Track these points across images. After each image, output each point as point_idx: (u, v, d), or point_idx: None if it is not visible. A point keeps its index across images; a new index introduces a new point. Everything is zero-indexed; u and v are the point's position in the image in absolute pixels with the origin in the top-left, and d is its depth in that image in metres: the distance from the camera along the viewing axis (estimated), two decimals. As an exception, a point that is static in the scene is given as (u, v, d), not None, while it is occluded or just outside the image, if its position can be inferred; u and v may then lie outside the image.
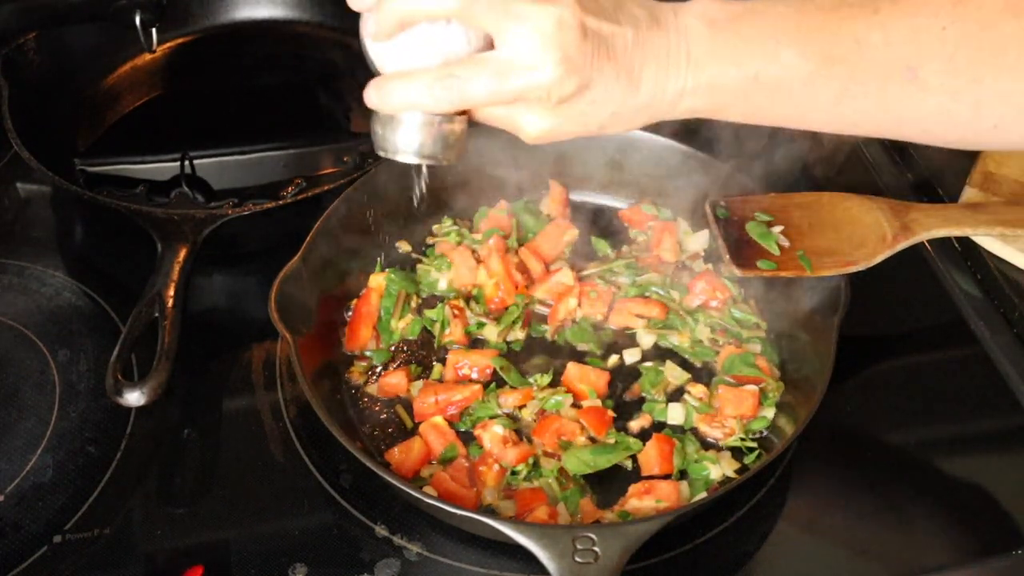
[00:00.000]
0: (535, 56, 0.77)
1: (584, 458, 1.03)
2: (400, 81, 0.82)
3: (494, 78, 0.79)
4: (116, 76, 1.54)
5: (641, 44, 0.81)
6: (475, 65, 0.80)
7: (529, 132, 0.84)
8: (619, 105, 0.82)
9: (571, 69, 0.78)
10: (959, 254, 1.26)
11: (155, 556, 0.99)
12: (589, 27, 0.79)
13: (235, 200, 1.30)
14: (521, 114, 0.83)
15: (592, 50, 0.79)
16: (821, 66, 0.82)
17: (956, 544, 1.00)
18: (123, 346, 1.04)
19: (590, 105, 0.82)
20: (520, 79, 0.78)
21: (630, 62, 0.81)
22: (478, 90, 0.80)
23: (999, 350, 1.15)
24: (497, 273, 1.19)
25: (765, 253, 1.11)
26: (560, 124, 0.83)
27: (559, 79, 0.78)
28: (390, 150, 0.87)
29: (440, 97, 0.80)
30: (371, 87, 0.84)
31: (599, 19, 0.80)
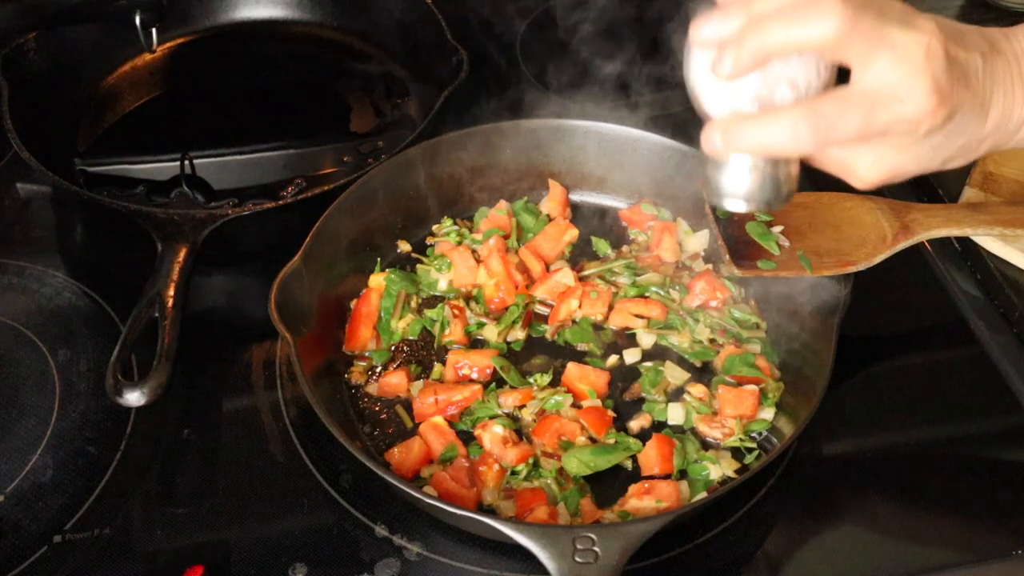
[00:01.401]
0: (907, 85, 0.73)
1: (584, 459, 1.03)
2: (757, 122, 0.75)
3: (864, 111, 0.74)
4: (116, 76, 1.54)
5: (990, 71, 0.78)
6: (840, 99, 0.74)
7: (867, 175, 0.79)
8: (969, 136, 0.79)
9: (941, 99, 0.74)
10: (959, 254, 1.26)
11: (155, 556, 0.99)
12: (952, 54, 0.75)
13: (235, 200, 1.30)
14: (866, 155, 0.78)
15: (956, 77, 0.75)
16: None
17: (956, 544, 1.00)
18: (123, 346, 1.04)
19: (946, 137, 0.77)
20: (891, 110, 0.73)
21: (981, 91, 0.77)
22: (847, 127, 0.74)
23: (999, 350, 1.15)
24: (497, 273, 1.19)
25: (765, 253, 1.11)
26: (906, 161, 0.78)
27: (931, 109, 0.74)
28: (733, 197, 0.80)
29: (804, 138, 0.74)
30: (715, 130, 0.77)
31: (958, 46, 0.76)
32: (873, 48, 0.72)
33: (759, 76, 0.75)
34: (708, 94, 0.79)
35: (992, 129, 0.79)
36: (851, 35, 0.71)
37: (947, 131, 0.77)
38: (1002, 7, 1.58)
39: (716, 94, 0.78)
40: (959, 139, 0.78)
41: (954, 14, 1.60)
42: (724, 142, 0.77)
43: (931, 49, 0.73)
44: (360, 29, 1.60)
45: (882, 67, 0.73)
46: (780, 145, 0.75)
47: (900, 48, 0.72)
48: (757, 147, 0.76)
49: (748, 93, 0.76)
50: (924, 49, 0.73)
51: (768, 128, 0.75)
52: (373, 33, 1.59)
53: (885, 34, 0.72)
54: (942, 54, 0.74)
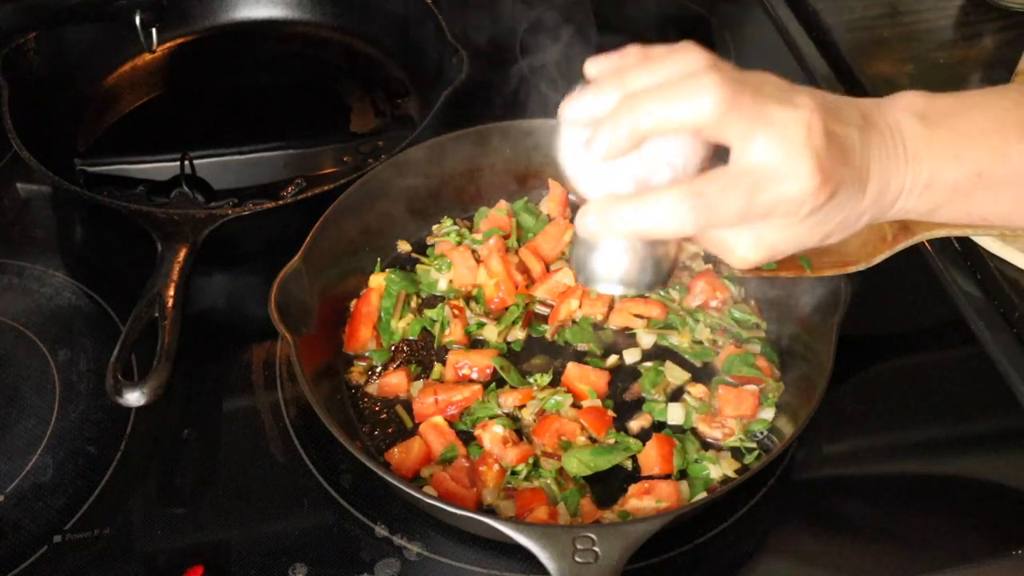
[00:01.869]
0: (788, 165, 0.70)
1: (584, 459, 1.03)
2: (635, 205, 0.72)
3: (746, 192, 0.70)
4: (116, 76, 1.54)
5: (866, 145, 0.75)
6: (721, 180, 0.71)
7: (744, 256, 0.76)
8: (848, 212, 0.76)
9: (825, 178, 0.71)
10: (959, 254, 1.26)
11: (155, 556, 0.99)
12: (831, 130, 0.72)
13: (235, 200, 1.30)
14: (745, 236, 0.75)
15: (835, 154, 0.72)
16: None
17: (956, 544, 1.00)
18: (123, 346, 1.04)
19: (825, 216, 0.75)
20: (773, 191, 0.71)
21: (859, 165, 0.75)
22: (728, 209, 0.71)
23: (999, 350, 1.15)
24: (497, 273, 1.19)
25: (765, 253, 1.11)
26: (784, 240, 0.75)
27: (815, 189, 0.71)
28: (608, 281, 0.77)
29: (685, 220, 0.70)
30: (591, 212, 0.73)
31: (836, 121, 0.73)
32: (752, 126, 0.70)
33: (636, 155, 0.72)
34: (581, 173, 0.75)
35: (870, 203, 0.77)
36: (729, 113, 0.69)
37: (828, 210, 0.75)
38: (1002, 7, 1.58)
39: (590, 174, 0.75)
40: (838, 216, 0.76)
41: (954, 14, 1.60)
42: (600, 225, 0.73)
43: (811, 127, 0.71)
44: (360, 29, 1.60)
45: (762, 145, 0.70)
46: (660, 228, 0.71)
47: (779, 125, 0.70)
48: (635, 230, 0.72)
49: (624, 173, 0.73)
50: (805, 127, 0.70)
51: (646, 210, 0.71)
52: (373, 33, 1.59)
53: (764, 112, 0.69)
54: (822, 131, 0.71)
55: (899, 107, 0.78)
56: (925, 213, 0.80)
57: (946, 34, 1.57)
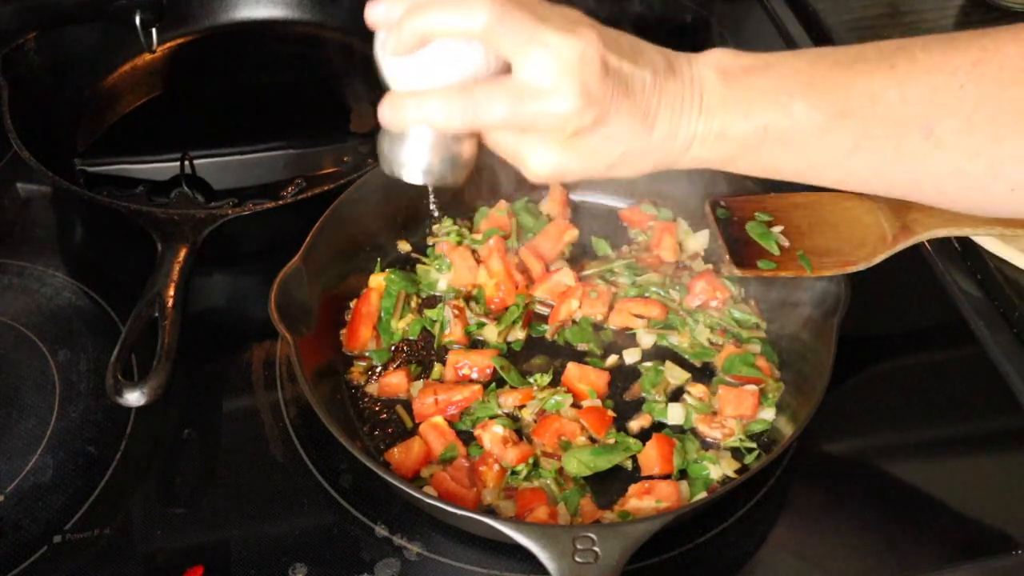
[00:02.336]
0: (555, 83, 0.77)
1: (584, 459, 1.03)
2: (415, 98, 0.81)
3: (511, 100, 0.78)
4: (116, 76, 1.54)
5: (658, 88, 0.81)
6: (493, 86, 0.79)
7: (535, 168, 0.83)
8: (630, 145, 0.82)
9: (590, 101, 0.77)
10: (959, 254, 1.26)
11: (155, 556, 0.99)
12: (610, 64, 0.78)
13: (235, 200, 1.30)
14: (530, 147, 0.82)
15: (612, 86, 0.78)
16: (833, 119, 0.81)
17: (956, 544, 1.00)
18: (123, 346, 1.04)
19: (603, 141, 0.81)
20: (538, 104, 0.77)
21: (646, 104, 0.81)
22: (494, 112, 0.78)
23: (999, 350, 1.15)
24: (497, 273, 1.19)
25: (765, 253, 1.11)
26: (568, 160, 0.82)
27: (578, 110, 0.77)
28: (396, 169, 0.85)
29: (454, 116, 0.79)
30: (384, 103, 0.83)
31: (620, 58, 0.79)
32: (525, 44, 0.76)
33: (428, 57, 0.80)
34: (386, 71, 0.84)
35: (658, 143, 0.82)
36: (499, 28, 0.76)
37: (603, 135, 0.80)
38: (1002, 7, 1.58)
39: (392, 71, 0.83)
40: (619, 146, 0.81)
41: (954, 14, 1.60)
42: (390, 113, 0.82)
43: (585, 55, 0.77)
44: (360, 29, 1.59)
45: (533, 62, 0.76)
46: (435, 120, 0.80)
47: (553, 48, 0.76)
48: (416, 120, 0.81)
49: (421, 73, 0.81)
50: (578, 54, 0.76)
51: (424, 104, 0.80)
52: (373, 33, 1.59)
53: (538, 33, 0.76)
54: (597, 60, 0.77)
55: (706, 62, 0.84)
56: (719, 163, 0.86)
57: (946, 34, 1.57)
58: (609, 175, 0.84)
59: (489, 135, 0.84)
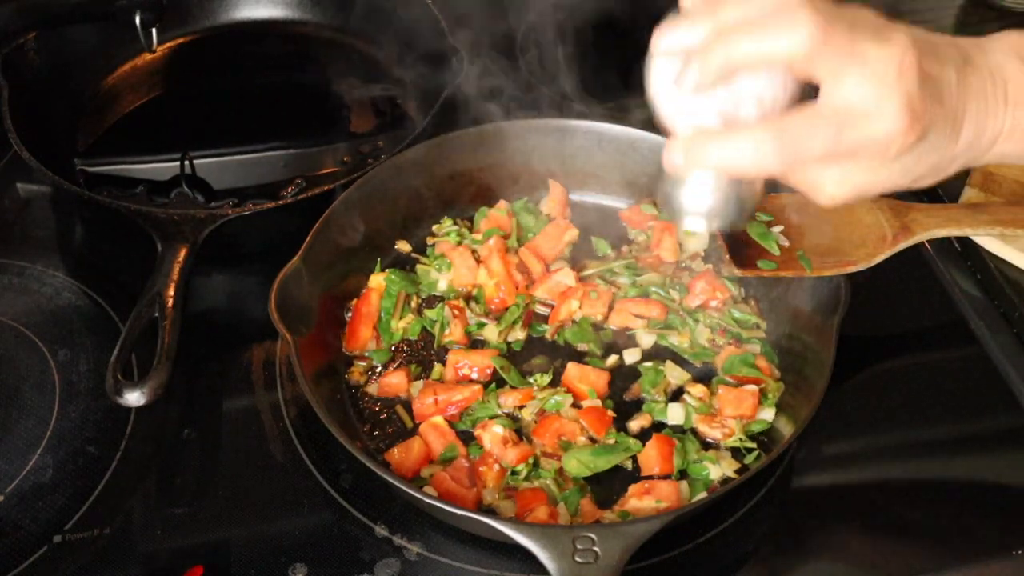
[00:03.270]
0: (877, 104, 0.69)
1: (584, 459, 1.03)
2: (721, 140, 0.72)
3: (831, 130, 0.70)
4: (116, 76, 1.54)
5: (963, 86, 0.74)
6: (807, 118, 0.71)
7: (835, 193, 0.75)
8: (940, 156, 0.75)
9: (914, 119, 0.70)
10: (959, 254, 1.26)
11: (155, 556, 0.99)
12: (926, 70, 0.71)
13: (235, 200, 1.30)
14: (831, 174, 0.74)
15: (929, 94, 0.71)
16: None
17: (956, 544, 1.00)
18: (123, 346, 1.04)
19: (916, 157, 0.74)
20: (861, 131, 0.70)
21: (955, 107, 0.74)
22: (814, 146, 0.70)
23: (999, 350, 1.15)
24: (498, 273, 1.19)
25: (765, 253, 1.11)
26: (874, 181, 0.74)
27: (904, 129, 0.70)
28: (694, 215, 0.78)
29: (770, 157, 0.70)
30: (678, 147, 0.74)
31: (932, 60, 0.72)
32: (844, 63, 0.69)
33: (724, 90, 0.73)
34: (670, 107, 0.76)
35: (964, 147, 0.76)
36: (822, 49, 0.68)
37: (919, 151, 0.74)
38: (1003, 7, 1.58)
39: (679, 108, 0.75)
40: (930, 158, 0.75)
41: (954, 14, 1.60)
42: (687, 159, 0.74)
43: (904, 65, 0.69)
44: (360, 29, 1.60)
45: (853, 83, 0.69)
46: (744, 164, 0.72)
47: (872, 64, 0.69)
48: (720, 165, 0.73)
49: (712, 108, 0.73)
50: (897, 65, 0.69)
51: (732, 146, 0.72)
52: (373, 33, 1.59)
53: (857, 48, 0.69)
54: (915, 70, 0.70)
55: (1002, 48, 0.77)
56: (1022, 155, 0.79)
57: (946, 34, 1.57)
58: (912, 187, 0.77)
59: None
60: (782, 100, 0.73)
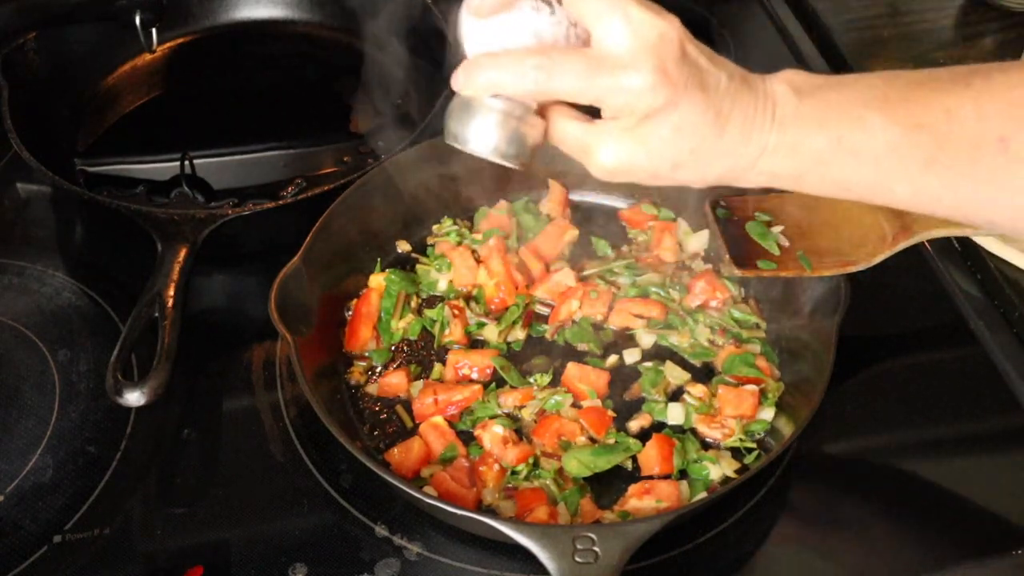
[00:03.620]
0: (631, 56, 0.77)
1: (584, 459, 1.03)
2: (491, 60, 0.81)
3: (586, 69, 0.78)
4: (116, 76, 1.54)
5: (731, 94, 0.81)
6: (569, 52, 0.79)
7: (602, 160, 0.82)
8: (700, 143, 0.81)
9: (665, 79, 0.77)
10: (959, 254, 1.26)
11: (155, 556, 0.99)
12: (688, 51, 0.79)
13: (235, 200, 1.30)
14: (598, 139, 0.82)
15: (688, 73, 0.79)
16: (908, 132, 0.81)
17: (956, 544, 1.00)
18: (123, 346, 1.04)
19: (673, 133, 0.80)
20: (612, 78, 0.78)
21: (719, 103, 0.81)
22: (566, 79, 0.78)
23: (999, 350, 1.15)
24: (498, 273, 1.19)
25: (765, 253, 1.11)
26: (636, 153, 0.81)
27: (651, 86, 0.77)
28: (461, 141, 0.85)
29: (527, 78, 0.79)
30: (460, 67, 0.83)
31: (699, 52, 0.80)
32: (608, 12, 0.77)
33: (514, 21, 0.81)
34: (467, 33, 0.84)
35: (727, 148, 0.82)
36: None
37: (674, 124, 0.80)
38: (1002, 7, 1.58)
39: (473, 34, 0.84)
40: (688, 141, 0.81)
41: (954, 14, 1.60)
42: (464, 77, 0.82)
43: (665, 35, 0.77)
44: (360, 29, 1.60)
45: (614, 33, 0.77)
46: (506, 81, 0.80)
47: (635, 22, 0.77)
48: (490, 83, 0.81)
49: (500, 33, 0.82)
50: (659, 33, 0.77)
51: (498, 64, 0.80)
52: (373, 33, 1.59)
53: (626, 7, 0.77)
54: (676, 44, 0.78)
55: (781, 79, 0.84)
56: (790, 179, 0.85)
57: (946, 34, 1.57)
58: (675, 177, 0.84)
59: (555, 124, 0.84)
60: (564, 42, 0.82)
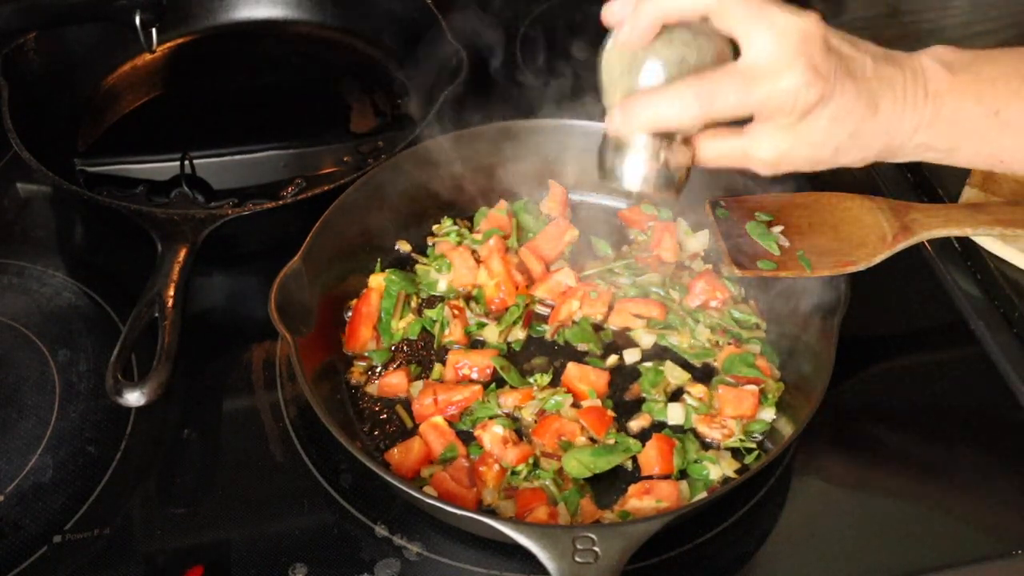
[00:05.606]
0: (782, 61, 0.79)
1: (584, 460, 1.03)
2: (650, 96, 0.82)
3: (742, 85, 0.80)
4: (116, 76, 1.54)
5: (879, 74, 0.83)
6: (722, 73, 0.81)
7: (765, 156, 0.84)
8: (857, 127, 0.83)
9: (815, 76, 0.80)
10: (959, 254, 1.26)
11: (155, 556, 0.99)
12: (832, 43, 0.81)
13: (235, 200, 1.30)
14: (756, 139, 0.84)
15: (835, 65, 0.81)
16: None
17: (956, 544, 1.00)
18: (123, 346, 1.04)
19: (829, 123, 0.82)
20: (767, 84, 0.80)
21: (868, 87, 0.83)
22: (726, 98, 0.80)
23: (999, 350, 1.15)
24: (498, 274, 1.19)
25: (765, 253, 1.11)
26: (796, 145, 0.83)
27: (804, 84, 0.79)
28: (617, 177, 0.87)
29: (689, 109, 0.80)
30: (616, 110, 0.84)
31: (840, 40, 0.82)
32: (754, 22, 0.79)
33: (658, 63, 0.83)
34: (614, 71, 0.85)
35: (883, 127, 0.84)
36: (732, 6, 0.79)
37: (830, 115, 0.82)
38: (1002, 7, 1.58)
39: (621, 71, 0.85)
40: (845, 127, 0.83)
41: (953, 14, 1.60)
42: (623, 120, 0.83)
43: (808, 33, 0.80)
44: (360, 29, 1.60)
45: (761, 42, 0.79)
46: (670, 116, 0.81)
47: (779, 27, 0.79)
48: (651, 120, 0.82)
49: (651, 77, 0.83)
50: (801, 32, 0.79)
51: (659, 102, 0.81)
52: (373, 33, 1.59)
53: (767, 12, 0.79)
54: (820, 39, 0.80)
55: (927, 54, 0.86)
56: (945, 152, 0.87)
57: (946, 34, 1.57)
58: (836, 161, 0.85)
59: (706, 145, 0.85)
60: (709, 63, 0.83)
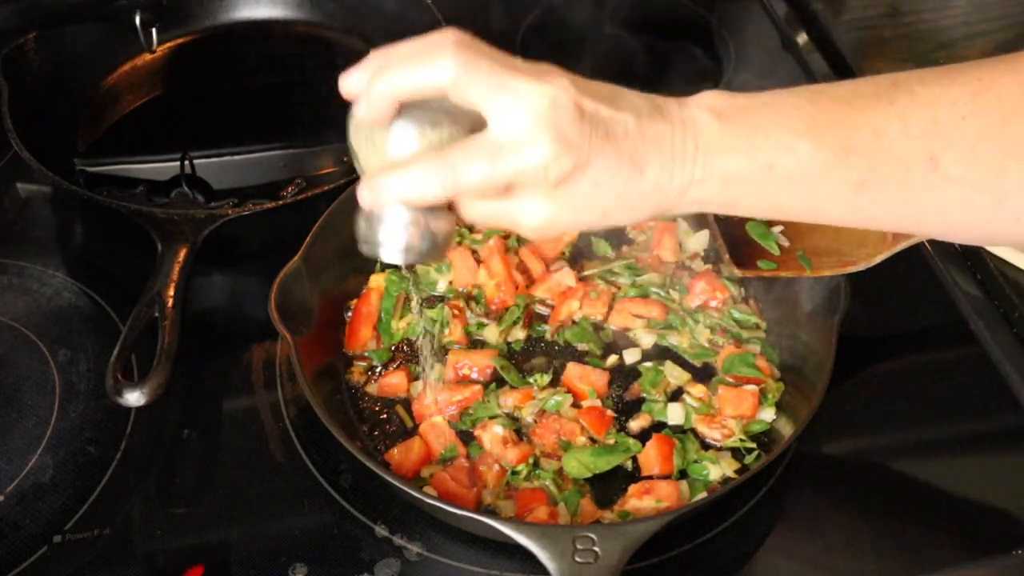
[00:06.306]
0: (529, 132, 0.74)
1: (584, 460, 1.03)
2: (390, 174, 0.77)
3: (488, 157, 0.75)
4: (116, 76, 1.54)
5: (643, 132, 0.78)
6: (466, 145, 0.76)
7: (528, 223, 0.80)
8: (621, 190, 0.79)
9: (567, 146, 0.75)
10: (959, 254, 1.26)
11: (155, 556, 0.99)
12: (586, 108, 0.76)
13: (235, 200, 1.30)
14: (519, 205, 0.79)
15: (590, 130, 0.76)
16: (838, 156, 0.79)
17: (956, 544, 1.00)
18: (123, 346, 1.04)
19: (592, 188, 0.78)
20: (514, 159, 0.75)
21: (632, 148, 0.78)
22: (472, 172, 0.75)
23: (999, 350, 1.15)
24: (498, 274, 1.19)
25: (765, 253, 1.11)
26: (560, 211, 0.79)
27: (555, 155, 0.74)
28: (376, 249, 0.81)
29: (432, 184, 0.76)
30: (363, 185, 0.80)
31: (596, 103, 0.77)
32: (495, 96, 0.74)
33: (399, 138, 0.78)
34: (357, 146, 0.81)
35: (651, 188, 0.79)
36: (466, 78, 0.74)
37: (590, 182, 0.77)
38: (1002, 7, 1.58)
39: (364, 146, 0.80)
40: (608, 192, 0.79)
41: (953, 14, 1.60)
42: (371, 194, 0.78)
43: (557, 100, 0.74)
44: (360, 29, 1.60)
45: (505, 114, 0.74)
46: (415, 194, 0.77)
47: (523, 98, 0.74)
48: (398, 197, 0.78)
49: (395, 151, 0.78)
50: (549, 100, 0.74)
51: (402, 178, 0.76)
52: (373, 33, 1.59)
53: (507, 82, 0.74)
54: (570, 106, 0.75)
55: (698, 104, 0.81)
56: (722, 205, 0.83)
57: (946, 34, 1.57)
58: (607, 223, 0.81)
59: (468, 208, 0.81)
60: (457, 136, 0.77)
